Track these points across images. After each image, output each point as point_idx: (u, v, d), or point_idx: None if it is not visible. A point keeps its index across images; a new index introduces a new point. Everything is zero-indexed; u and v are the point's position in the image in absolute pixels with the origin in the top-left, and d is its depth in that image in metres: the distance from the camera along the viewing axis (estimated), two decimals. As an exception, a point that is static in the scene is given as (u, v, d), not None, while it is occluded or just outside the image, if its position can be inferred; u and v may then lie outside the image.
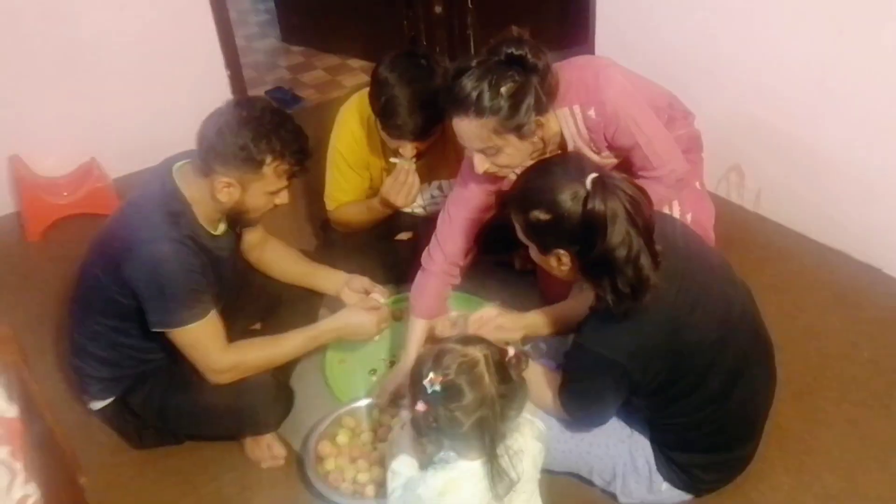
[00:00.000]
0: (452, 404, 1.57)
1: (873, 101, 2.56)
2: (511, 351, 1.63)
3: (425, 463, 1.73)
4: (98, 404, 2.22)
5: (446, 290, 2.36)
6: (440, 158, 2.58)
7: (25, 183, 3.24)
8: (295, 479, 2.19)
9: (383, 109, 2.31)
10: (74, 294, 2.20)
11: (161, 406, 2.14)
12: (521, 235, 1.79)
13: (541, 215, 1.68)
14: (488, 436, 1.59)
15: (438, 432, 1.61)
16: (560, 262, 1.74)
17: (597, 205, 1.59)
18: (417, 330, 2.33)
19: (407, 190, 2.47)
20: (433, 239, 2.33)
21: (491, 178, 2.14)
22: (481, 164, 2.01)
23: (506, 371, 1.60)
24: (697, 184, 2.42)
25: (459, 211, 2.27)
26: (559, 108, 2.05)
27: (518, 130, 1.93)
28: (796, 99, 2.75)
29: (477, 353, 1.60)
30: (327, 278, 2.43)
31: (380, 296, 2.36)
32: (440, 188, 2.71)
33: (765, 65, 2.78)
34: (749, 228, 2.97)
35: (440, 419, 1.58)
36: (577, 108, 2.06)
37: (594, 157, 2.15)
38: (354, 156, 2.56)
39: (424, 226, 2.74)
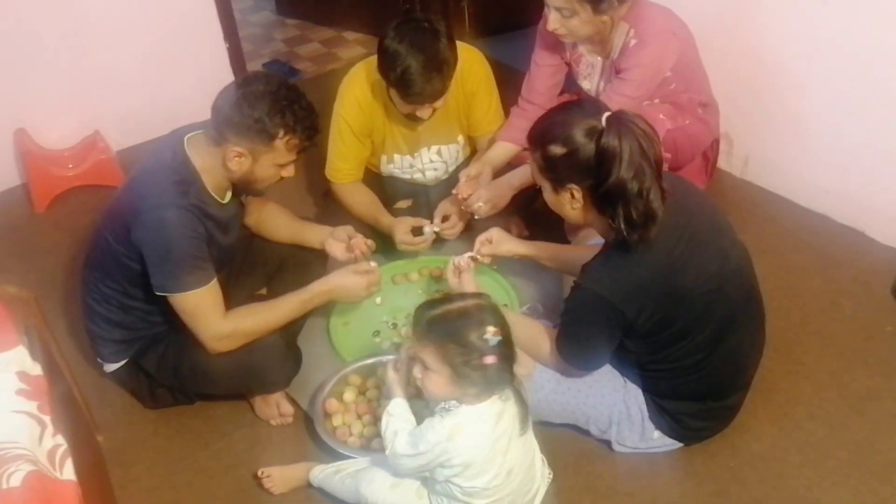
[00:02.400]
0: (507, 350, 1.69)
1: (854, 72, 2.62)
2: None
3: (422, 410, 1.84)
4: (112, 367, 2.28)
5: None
6: (440, 123, 2.64)
7: (32, 156, 3.25)
8: (303, 435, 2.26)
9: (400, 80, 2.33)
10: (87, 259, 2.26)
11: (175, 366, 2.19)
12: (536, 176, 1.88)
13: (557, 149, 1.77)
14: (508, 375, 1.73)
15: (486, 380, 1.69)
16: (573, 199, 1.82)
17: (611, 139, 1.68)
18: (498, 148, 2.63)
19: (415, 251, 2.64)
20: (524, 87, 2.70)
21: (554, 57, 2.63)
22: (554, 21, 2.37)
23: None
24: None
25: (537, 68, 2.68)
26: (624, 22, 2.42)
27: (596, 4, 2.29)
28: (782, 70, 2.81)
29: (488, 301, 1.76)
30: (313, 232, 2.45)
31: (367, 250, 2.37)
32: (438, 153, 2.76)
33: (753, 39, 2.84)
34: (737, 194, 3.04)
35: (492, 367, 1.67)
36: (632, 31, 2.42)
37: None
38: (358, 122, 2.59)
39: (424, 194, 2.82)
